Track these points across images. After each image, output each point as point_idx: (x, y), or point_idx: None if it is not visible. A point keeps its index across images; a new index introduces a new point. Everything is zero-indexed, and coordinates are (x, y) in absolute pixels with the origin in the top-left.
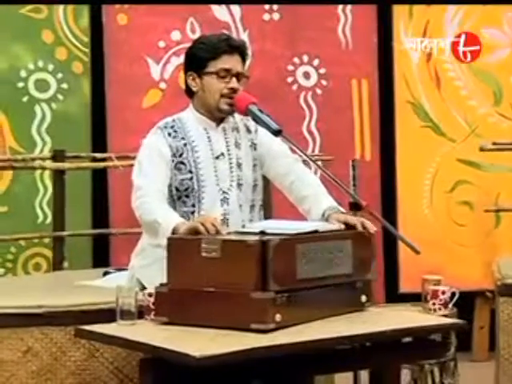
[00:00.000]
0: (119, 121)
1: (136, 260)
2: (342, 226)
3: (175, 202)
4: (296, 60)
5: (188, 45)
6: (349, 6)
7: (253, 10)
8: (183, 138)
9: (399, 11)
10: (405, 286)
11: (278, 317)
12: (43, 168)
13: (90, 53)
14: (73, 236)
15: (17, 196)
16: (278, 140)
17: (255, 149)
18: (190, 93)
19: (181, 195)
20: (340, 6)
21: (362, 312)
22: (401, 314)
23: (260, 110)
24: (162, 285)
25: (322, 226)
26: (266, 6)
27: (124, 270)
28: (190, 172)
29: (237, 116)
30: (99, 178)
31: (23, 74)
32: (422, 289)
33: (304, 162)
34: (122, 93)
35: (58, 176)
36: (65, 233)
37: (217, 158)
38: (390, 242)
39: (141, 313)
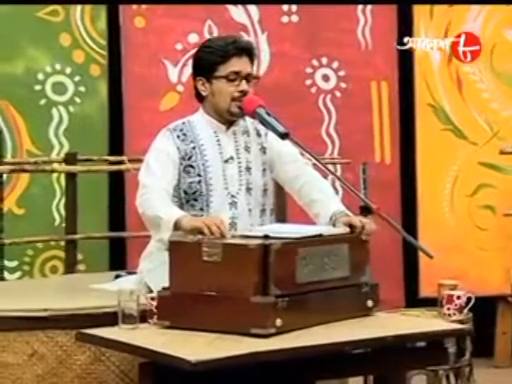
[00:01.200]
0: (136, 124)
1: (144, 263)
2: (348, 229)
3: (184, 205)
4: (315, 62)
5: None
6: (368, 7)
7: (271, 12)
8: (192, 142)
9: (420, 11)
10: (425, 291)
11: (278, 321)
12: (54, 171)
13: (107, 55)
14: (85, 239)
15: (34, 199)
16: (288, 144)
17: (265, 152)
18: (200, 97)
19: (189, 198)
20: (359, 7)
21: (367, 317)
22: (407, 320)
23: (267, 113)
24: (164, 288)
25: (327, 230)
26: (285, 8)
27: (135, 273)
28: (199, 175)
29: (247, 119)
30: (116, 181)
31: (41, 76)
32: (437, 293)
33: (314, 165)
34: (140, 95)
35: (70, 179)
36: (77, 236)
37: (226, 161)
38: (410, 246)
39: (144, 317)
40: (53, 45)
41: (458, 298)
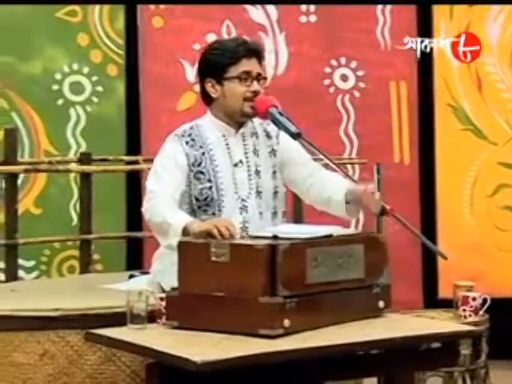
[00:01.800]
0: (154, 123)
1: (155, 264)
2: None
3: (195, 211)
4: (333, 62)
5: None
6: (388, 7)
7: (289, 12)
8: (201, 147)
9: (439, 11)
10: (443, 292)
11: (286, 322)
12: (68, 171)
13: (124, 55)
14: (100, 239)
15: (51, 199)
16: (300, 147)
17: (275, 155)
18: (207, 100)
19: (201, 205)
20: (379, 7)
21: (378, 318)
22: (418, 321)
23: (280, 113)
24: (172, 289)
25: (337, 231)
26: (303, 8)
27: (149, 273)
28: (209, 181)
29: (255, 121)
30: (133, 181)
31: (58, 76)
32: (453, 295)
33: (327, 165)
34: (157, 95)
35: (85, 179)
36: (91, 236)
37: (235, 165)
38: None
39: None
40: (71, 45)
41: (474, 299)
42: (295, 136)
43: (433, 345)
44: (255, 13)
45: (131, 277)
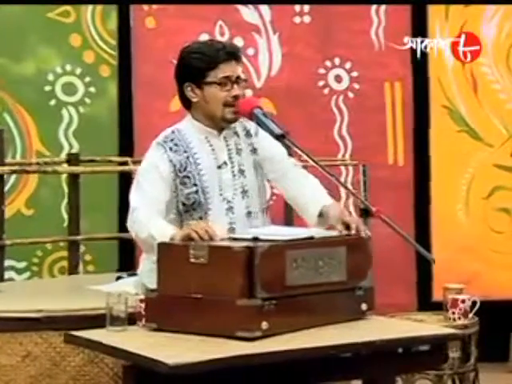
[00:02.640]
0: (146, 124)
1: (142, 265)
2: (344, 231)
3: (182, 215)
4: (327, 63)
5: None
6: (382, 8)
7: (283, 13)
8: (185, 151)
9: (435, 11)
10: (438, 294)
11: (264, 324)
12: (56, 172)
13: (117, 56)
14: (88, 240)
15: (43, 199)
16: (278, 144)
17: (256, 153)
18: (186, 103)
19: (188, 209)
20: (373, 8)
21: (361, 321)
22: (400, 324)
23: (264, 114)
24: (151, 290)
25: (319, 233)
26: (297, 9)
27: (136, 274)
28: (195, 185)
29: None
30: (125, 182)
31: (51, 77)
32: (443, 297)
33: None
34: (150, 96)
35: (73, 180)
36: (79, 237)
37: (219, 167)
38: (423, 247)
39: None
40: (63, 45)
41: (463, 301)
42: (279, 137)
43: (416, 348)
44: (248, 13)
45: (118, 278)
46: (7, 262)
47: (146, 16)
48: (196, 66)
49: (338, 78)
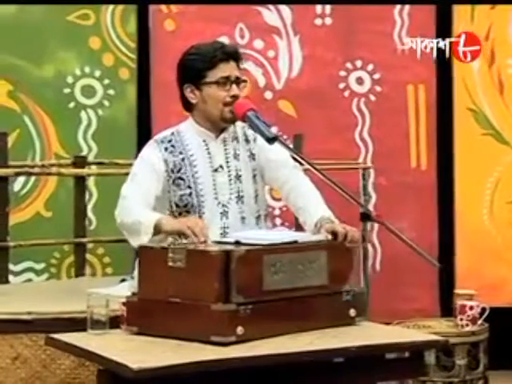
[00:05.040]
0: (164, 127)
1: (137, 268)
2: (330, 237)
3: (176, 217)
4: (349, 65)
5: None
6: (406, 9)
7: (304, 15)
8: (181, 153)
9: (460, 12)
10: None
11: (239, 330)
12: (61, 174)
13: (136, 59)
14: (93, 242)
15: (62, 201)
16: (277, 148)
17: (254, 159)
18: (187, 105)
19: (181, 211)
20: (397, 9)
21: (347, 327)
22: (386, 330)
23: (257, 117)
24: (133, 294)
25: (303, 237)
26: (318, 10)
27: None
28: (189, 187)
29: (237, 125)
30: None
31: (70, 80)
32: (452, 303)
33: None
34: (168, 99)
35: (79, 182)
36: (84, 239)
37: (215, 170)
38: (447, 253)
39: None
40: (82, 48)
41: (471, 308)
42: (270, 140)
43: (394, 355)
44: (269, 15)
45: (122, 281)
46: (26, 264)
47: (165, 18)
48: (195, 67)
49: (360, 81)
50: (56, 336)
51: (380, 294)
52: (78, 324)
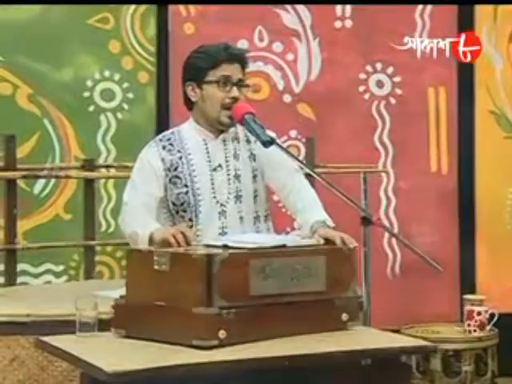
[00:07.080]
0: None
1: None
2: (322, 241)
3: (173, 216)
4: (368, 68)
5: (256, 53)
6: (427, 11)
7: (324, 17)
8: (179, 151)
9: (482, 13)
10: None
11: (222, 333)
12: (69, 177)
13: (156, 62)
14: (102, 245)
15: (81, 204)
16: (277, 150)
17: (254, 159)
18: (189, 104)
19: (178, 210)
20: (418, 11)
21: (338, 332)
22: (375, 335)
23: (254, 121)
24: (121, 297)
25: (292, 241)
26: (338, 13)
27: None
28: (186, 186)
29: (238, 125)
30: None
31: (89, 83)
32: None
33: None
34: None
35: (88, 185)
36: (93, 242)
37: (214, 169)
38: (468, 258)
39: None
40: (102, 52)
41: (479, 314)
42: (266, 144)
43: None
44: (288, 18)
45: None
46: (45, 266)
47: (184, 22)
48: (198, 65)
49: (380, 84)
50: (45, 339)
51: (399, 298)
52: (74, 326)
